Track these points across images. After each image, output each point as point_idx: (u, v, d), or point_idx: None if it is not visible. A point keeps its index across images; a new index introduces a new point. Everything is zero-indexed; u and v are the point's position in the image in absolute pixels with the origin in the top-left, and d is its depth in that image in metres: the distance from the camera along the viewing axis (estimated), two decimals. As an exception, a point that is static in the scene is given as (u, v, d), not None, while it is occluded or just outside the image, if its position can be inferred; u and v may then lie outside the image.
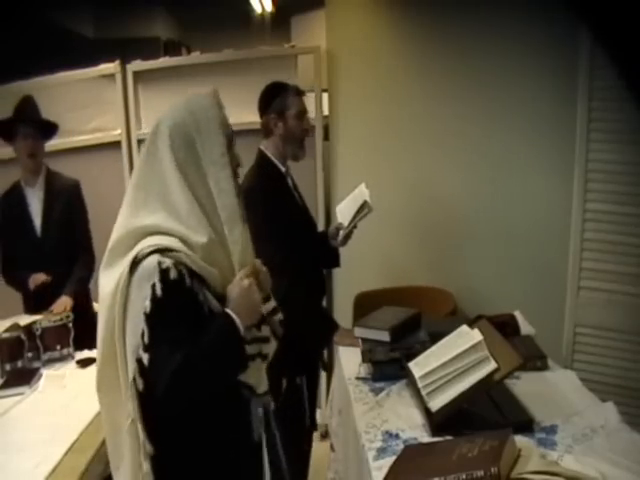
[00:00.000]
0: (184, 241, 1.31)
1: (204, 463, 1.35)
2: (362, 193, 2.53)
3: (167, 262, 1.27)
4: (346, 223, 2.54)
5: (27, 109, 2.84)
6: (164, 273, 1.26)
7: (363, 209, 2.47)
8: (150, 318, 1.24)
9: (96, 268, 2.95)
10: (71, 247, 2.94)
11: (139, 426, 1.28)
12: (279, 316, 1.49)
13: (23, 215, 2.88)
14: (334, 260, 2.69)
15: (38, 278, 2.76)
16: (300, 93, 2.45)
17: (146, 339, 1.24)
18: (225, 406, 1.35)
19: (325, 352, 3.04)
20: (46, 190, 2.91)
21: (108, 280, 1.33)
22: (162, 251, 1.28)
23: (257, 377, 1.40)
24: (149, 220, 1.33)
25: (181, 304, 1.27)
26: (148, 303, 1.25)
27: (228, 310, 1.31)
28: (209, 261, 1.34)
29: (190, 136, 1.37)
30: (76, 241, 2.96)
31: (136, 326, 1.26)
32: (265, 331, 1.42)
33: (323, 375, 3.34)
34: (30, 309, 2.80)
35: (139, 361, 1.24)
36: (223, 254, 1.37)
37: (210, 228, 1.34)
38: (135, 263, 1.28)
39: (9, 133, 2.83)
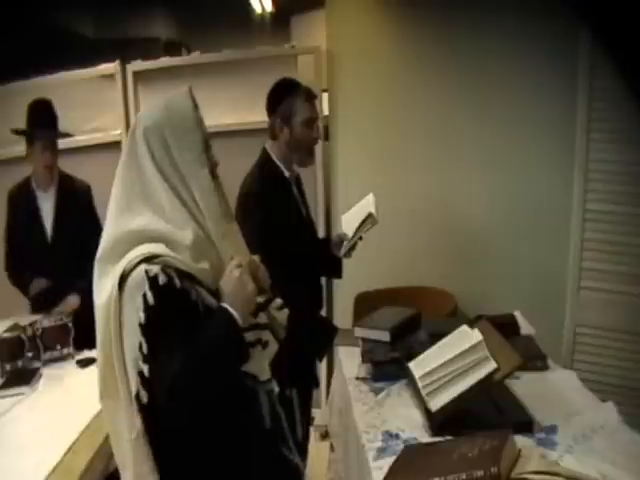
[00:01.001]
0: (170, 243, 1.31)
1: (214, 469, 1.35)
2: (368, 204, 2.36)
3: (154, 268, 1.26)
4: (350, 234, 2.35)
5: (47, 116, 2.79)
6: (153, 280, 1.25)
7: (367, 221, 2.30)
8: (145, 328, 1.24)
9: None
10: (81, 253, 2.90)
11: (143, 441, 1.28)
12: (282, 314, 1.47)
13: (34, 218, 2.84)
14: (336, 270, 2.53)
15: (39, 284, 2.74)
16: (311, 97, 2.27)
17: (144, 350, 1.23)
18: (232, 403, 1.34)
19: (317, 364, 2.91)
20: (58, 196, 2.86)
21: (100, 292, 1.33)
22: (148, 259, 1.28)
23: (258, 365, 1.40)
24: (134, 223, 1.33)
25: (174, 307, 1.26)
26: (142, 314, 1.24)
27: (223, 304, 1.30)
28: (199, 259, 1.33)
29: (165, 136, 1.36)
30: (87, 246, 2.92)
31: (133, 339, 1.25)
32: (262, 318, 1.42)
33: (322, 377, 3.35)
34: (37, 310, 2.78)
35: (140, 373, 1.24)
36: (212, 251, 1.36)
37: (195, 225, 1.34)
38: (123, 277, 1.27)
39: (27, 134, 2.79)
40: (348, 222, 2.42)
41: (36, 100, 2.83)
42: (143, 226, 1.32)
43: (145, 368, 1.23)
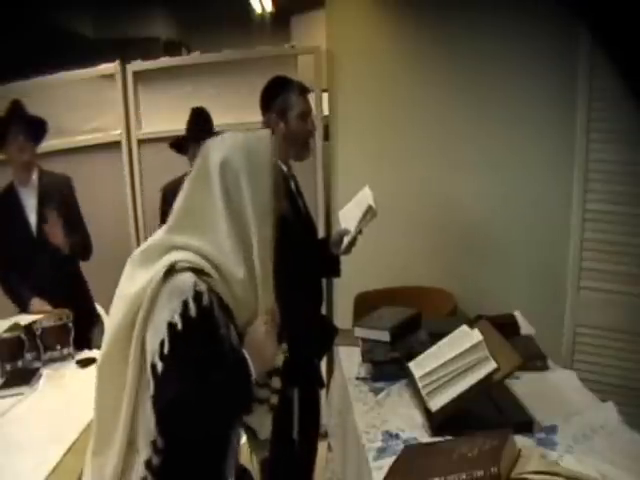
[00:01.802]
0: (220, 271, 1.31)
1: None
2: (366, 197, 2.38)
3: (202, 286, 1.27)
4: (351, 228, 2.36)
5: (15, 112, 2.82)
6: (198, 295, 1.26)
7: (367, 214, 2.32)
8: (176, 333, 1.24)
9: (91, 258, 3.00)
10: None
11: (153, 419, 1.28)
12: (279, 358, 1.48)
13: (18, 216, 2.87)
14: (335, 269, 2.52)
15: (40, 308, 2.72)
16: (304, 91, 2.32)
17: (165, 349, 1.23)
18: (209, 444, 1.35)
19: (322, 366, 2.92)
20: (40, 189, 2.89)
21: (132, 282, 1.33)
22: (199, 272, 1.29)
23: (261, 423, 1.42)
24: (192, 241, 1.33)
25: (206, 331, 1.27)
26: (177, 317, 1.24)
27: (244, 351, 1.32)
28: (240, 296, 1.34)
29: (240, 177, 1.35)
30: (72, 235, 2.96)
31: (157, 333, 1.25)
32: (275, 383, 1.43)
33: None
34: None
35: (154, 367, 1.24)
36: (252, 294, 1.37)
37: (246, 269, 1.34)
38: (169, 272, 1.28)
39: (2, 139, 2.82)
40: (346, 217, 2.44)
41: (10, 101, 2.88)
42: (199, 246, 1.32)
43: (159, 365, 1.23)
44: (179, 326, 1.24)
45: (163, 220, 1.42)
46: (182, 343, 1.24)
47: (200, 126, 2.85)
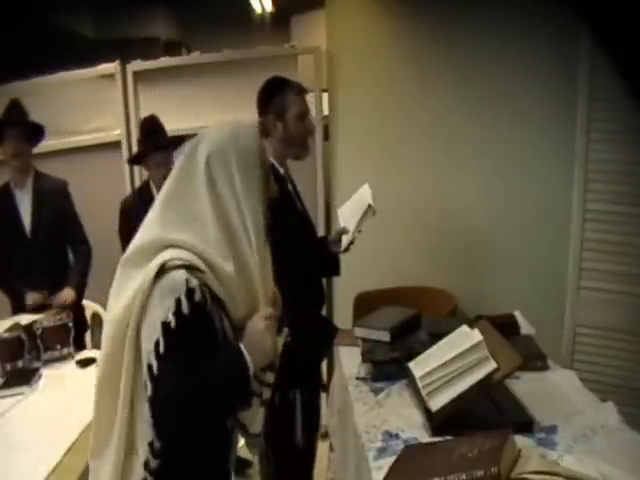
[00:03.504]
0: (210, 265, 1.30)
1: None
2: (365, 195, 2.38)
3: (194, 282, 1.26)
4: (350, 227, 2.37)
5: (14, 112, 2.85)
6: (190, 292, 1.26)
7: (367, 213, 2.33)
8: (170, 331, 1.24)
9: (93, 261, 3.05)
10: (62, 247, 2.99)
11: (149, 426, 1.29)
12: (279, 341, 1.46)
13: (13, 217, 2.91)
14: (334, 268, 2.52)
15: (37, 299, 2.77)
16: (302, 91, 2.28)
17: (161, 349, 1.23)
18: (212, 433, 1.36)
19: (324, 371, 2.93)
20: (35, 191, 2.93)
21: (121, 294, 1.32)
22: (190, 268, 1.28)
23: (252, 417, 1.40)
24: (177, 236, 1.32)
25: (201, 327, 1.27)
26: (171, 316, 1.24)
27: (241, 345, 1.31)
28: (232, 290, 1.33)
29: (231, 167, 1.35)
30: (69, 239, 3.01)
31: (151, 333, 1.25)
32: (269, 377, 1.41)
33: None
34: (18, 311, 2.81)
35: (150, 367, 1.24)
36: (247, 285, 1.36)
37: (235, 260, 1.33)
38: (161, 271, 1.27)
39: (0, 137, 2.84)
40: (346, 215, 2.44)
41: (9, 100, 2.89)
42: (183, 240, 1.31)
43: (155, 364, 1.23)
44: (173, 324, 1.24)
45: (123, 237, 1.39)
46: (177, 341, 1.24)
47: (153, 136, 2.84)
